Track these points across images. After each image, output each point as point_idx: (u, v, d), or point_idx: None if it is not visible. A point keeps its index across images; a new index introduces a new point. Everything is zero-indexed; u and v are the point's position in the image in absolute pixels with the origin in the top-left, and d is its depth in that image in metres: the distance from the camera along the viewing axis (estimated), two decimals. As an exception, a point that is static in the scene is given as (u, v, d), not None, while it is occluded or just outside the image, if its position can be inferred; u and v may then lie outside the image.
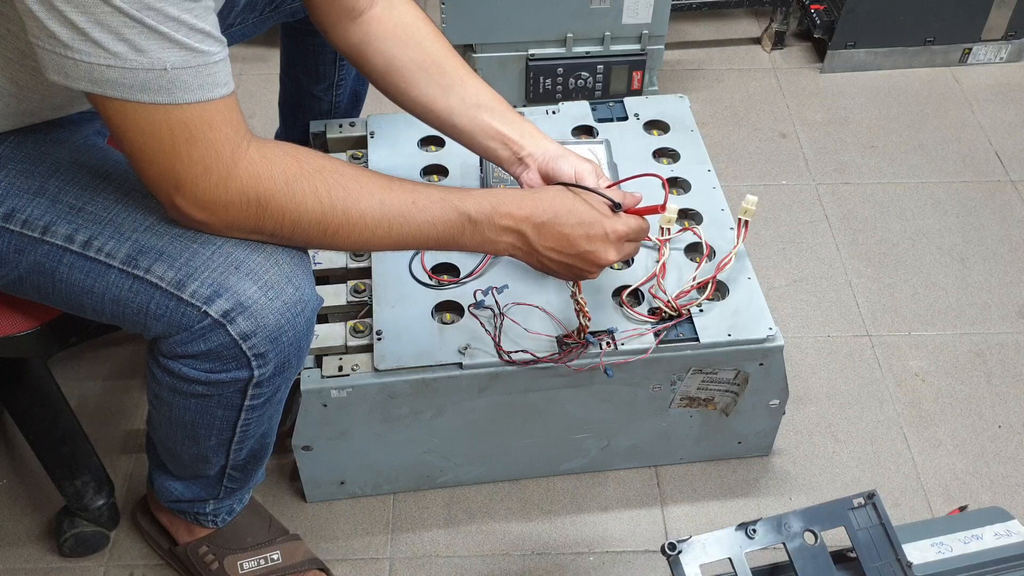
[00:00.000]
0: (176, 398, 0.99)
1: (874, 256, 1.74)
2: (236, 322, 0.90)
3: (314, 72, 1.45)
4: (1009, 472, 1.42)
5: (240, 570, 1.21)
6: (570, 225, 0.98)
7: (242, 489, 1.20)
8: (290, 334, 0.93)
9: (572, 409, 1.28)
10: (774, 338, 1.23)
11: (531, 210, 0.98)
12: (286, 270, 0.92)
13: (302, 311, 0.93)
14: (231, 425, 1.02)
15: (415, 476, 1.36)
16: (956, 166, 1.91)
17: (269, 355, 0.93)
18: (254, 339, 0.91)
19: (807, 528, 1.03)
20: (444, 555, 1.32)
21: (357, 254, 1.31)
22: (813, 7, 2.12)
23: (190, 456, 1.09)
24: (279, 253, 0.92)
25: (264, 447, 1.13)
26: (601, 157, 1.37)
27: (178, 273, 0.90)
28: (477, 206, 0.95)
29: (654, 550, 1.32)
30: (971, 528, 1.12)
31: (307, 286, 0.94)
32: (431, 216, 0.94)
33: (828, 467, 1.42)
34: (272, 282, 0.91)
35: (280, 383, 1.00)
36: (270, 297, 0.90)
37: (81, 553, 1.30)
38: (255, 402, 0.99)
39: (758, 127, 2.00)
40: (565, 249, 0.99)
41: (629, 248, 1.04)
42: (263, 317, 0.90)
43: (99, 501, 1.27)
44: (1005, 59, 2.15)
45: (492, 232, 0.97)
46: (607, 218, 1.01)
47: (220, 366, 0.93)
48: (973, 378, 1.54)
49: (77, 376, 1.52)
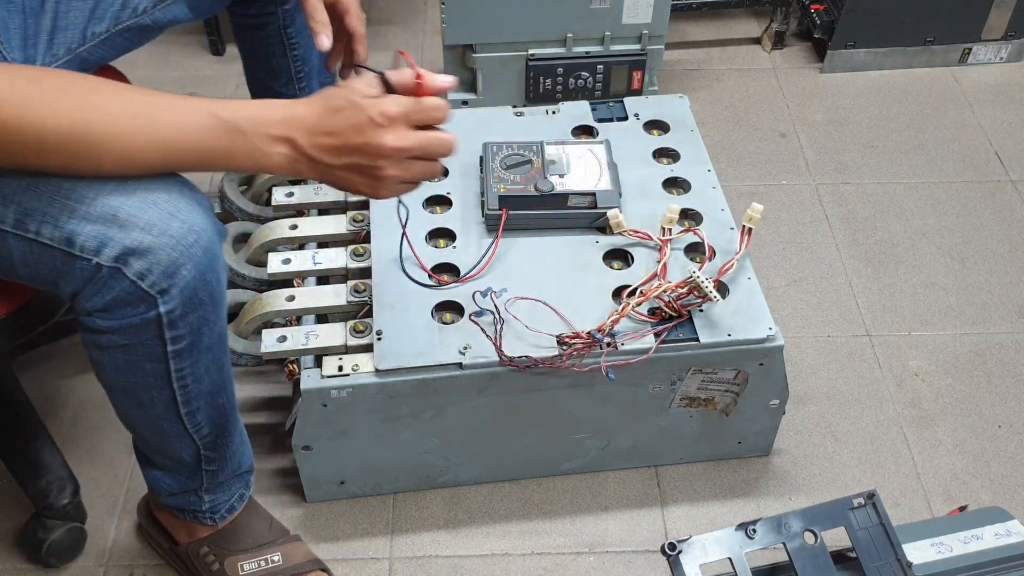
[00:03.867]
0: (105, 357, 0.99)
1: (874, 256, 1.74)
2: (130, 263, 0.90)
3: (269, 67, 1.45)
4: (1009, 472, 1.42)
5: (240, 571, 1.21)
6: (337, 120, 0.90)
7: (227, 475, 1.18)
8: (189, 266, 0.92)
9: (572, 409, 1.28)
10: (774, 338, 1.24)
11: (301, 113, 0.90)
12: (167, 208, 0.91)
13: (196, 240, 0.92)
14: (165, 380, 1.01)
15: (415, 476, 1.36)
16: (956, 166, 1.92)
17: (172, 290, 0.93)
18: (151, 276, 0.91)
19: (807, 528, 1.03)
20: (444, 555, 1.32)
21: (356, 254, 1.31)
22: (813, 7, 2.12)
23: (152, 432, 1.09)
24: (155, 194, 0.91)
25: (223, 415, 1.11)
26: (601, 157, 1.37)
27: (62, 231, 0.90)
28: (244, 115, 0.89)
29: (654, 550, 1.32)
30: (971, 528, 1.12)
31: (196, 218, 0.93)
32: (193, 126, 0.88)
33: (828, 467, 1.42)
34: (154, 220, 0.90)
35: (198, 324, 0.98)
36: (155, 235, 0.90)
37: (67, 558, 1.30)
38: (177, 347, 0.98)
39: (758, 127, 2.00)
40: (340, 148, 0.90)
41: (414, 138, 0.91)
42: (154, 254, 0.90)
43: (64, 499, 1.27)
44: (1005, 59, 2.15)
45: (263, 143, 0.90)
46: (376, 101, 0.90)
47: (130, 310, 0.93)
48: (973, 378, 1.54)
49: (78, 376, 1.52)
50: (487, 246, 1.31)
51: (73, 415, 1.48)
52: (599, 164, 1.36)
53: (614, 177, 1.35)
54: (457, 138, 0.93)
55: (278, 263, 1.32)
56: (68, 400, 1.49)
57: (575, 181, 1.33)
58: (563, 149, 1.38)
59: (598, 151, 1.38)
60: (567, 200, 1.32)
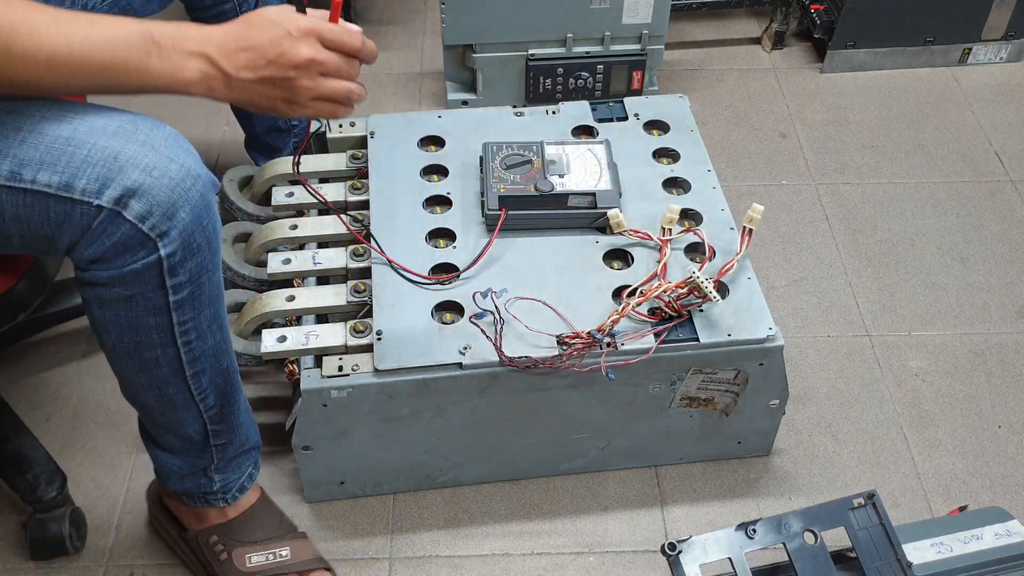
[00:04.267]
0: (106, 313, 1.00)
1: (874, 256, 1.74)
2: (130, 206, 0.92)
3: None
4: (1009, 472, 1.42)
5: (248, 563, 1.21)
6: (252, 34, 0.93)
7: (236, 450, 1.18)
8: (187, 207, 0.94)
9: (572, 409, 1.28)
10: (774, 338, 1.24)
11: (217, 34, 0.93)
12: (164, 152, 0.94)
13: (193, 184, 0.95)
14: (168, 336, 1.02)
15: (415, 476, 1.36)
16: (956, 166, 1.92)
17: (171, 232, 0.94)
18: (152, 218, 0.93)
19: (807, 528, 1.03)
20: (444, 555, 1.32)
21: (356, 254, 1.31)
22: (813, 7, 2.12)
23: (158, 399, 1.09)
24: (154, 138, 0.94)
25: (228, 382, 1.12)
26: (601, 157, 1.37)
27: (62, 176, 0.92)
28: (161, 29, 0.92)
29: (654, 550, 1.32)
30: (971, 528, 1.12)
31: (191, 162, 0.95)
32: (112, 35, 0.90)
33: (828, 467, 1.42)
34: (154, 163, 0.93)
35: (198, 272, 0.99)
36: (155, 176, 0.92)
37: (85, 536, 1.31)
38: (179, 296, 0.99)
39: (758, 127, 2.00)
40: (256, 63, 0.93)
41: (327, 53, 0.95)
42: (154, 195, 0.92)
43: (52, 492, 1.27)
44: (1005, 59, 2.15)
45: (179, 58, 0.91)
46: (292, 16, 0.94)
47: (130, 257, 0.95)
48: (973, 378, 1.54)
49: (77, 375, 1.52)
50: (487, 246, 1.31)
51: (72, 415, 1.48)
52: (599, 164, 1.36)
53: (614, 177, 1.35)
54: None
55: (278, 263, 1.32)
56: (67, 400, 1.49)
57: (575, 181, 1.33)
58: (563, 149, 1.38)
59: (598, 151, 1.39)
60: (567, 200, 1.32)
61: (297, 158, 1.39)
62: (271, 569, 1.22)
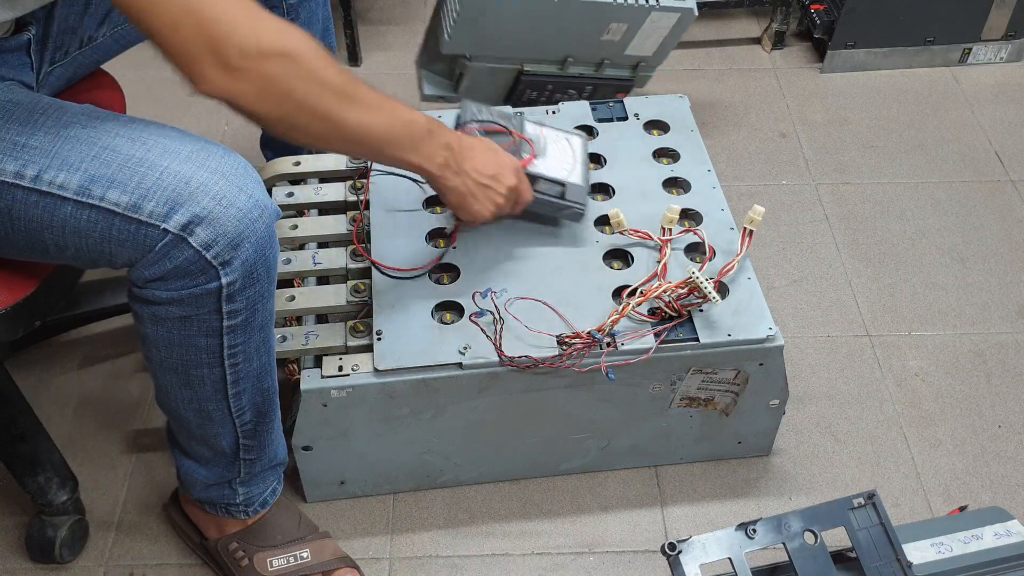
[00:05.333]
0: (159, 331, 1.00)
1: (874, 256, 1.74)
2: (196, 233, 0.93)
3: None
4: (1009, 472, 1.42)
5: (270, 567, 1.21)
6: (488, 153, 1.20)
7: (264, 466, 1.19)
8: (252, 239, 0.95)
9: (572, 409, 1.28)
10: (774, 338, 1.24)
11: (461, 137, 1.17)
12: (235, 182, 0.95)
13: (260, 216, 0.96)
14: (217, 357, 1.03)
15: (415, 476, 1.36)
16: (956, 166, 1.92)
17: (234, 261, 0.95)
18: (216, 247, 0.93)
19: (807, 528, 1.03)
20: (444, 555, 1.32)
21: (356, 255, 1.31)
22: (813, 7, 2.12)
23: (196, 415, 1.09)
24: (225, 167, 0.95)
25: (266, 401, 1.12)
26: (577, 150, 1.35)
27: (132, 196, 0.92)
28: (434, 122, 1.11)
29: (654, 550, 1.32)
30: (971, 528, 1.12)
31: (260, 194, 0.97)
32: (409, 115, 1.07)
33: (828, 467, 1.42)
34: (224, 192, 0.93)
35: (255, 299, 1.00)
36: (224, 205, 0.93)
37: (78, 550, 1.30)
38: (233, 321, 1.00)
39: (758, 127, 2.00)
40: (483, 169, 1.17)
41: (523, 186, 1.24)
42: (221, 225, 0.93)
43: (63, 496, 1.27)
44: (1005, 59, 2.15)
45: (437, 145, 1.11)
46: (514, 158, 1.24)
47: (190, 282, 0.95)
48: (973, 378, 1.54)
49: (78, 375, 1.52)
50: (487, 245, 1.31)
51: (73, 415, 1.48)
52: (574, 157, 1.33)
53: (586, 175, 1.33)
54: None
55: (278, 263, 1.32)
56: (68, 400, 1.49)
57: (548, 166, 1.31)
58: (542, 131, 1.35)
59: (575, 143, 1.36)
60: (535, 183, 1.28)
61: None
62: (293, 571, 1.22)
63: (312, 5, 1.41)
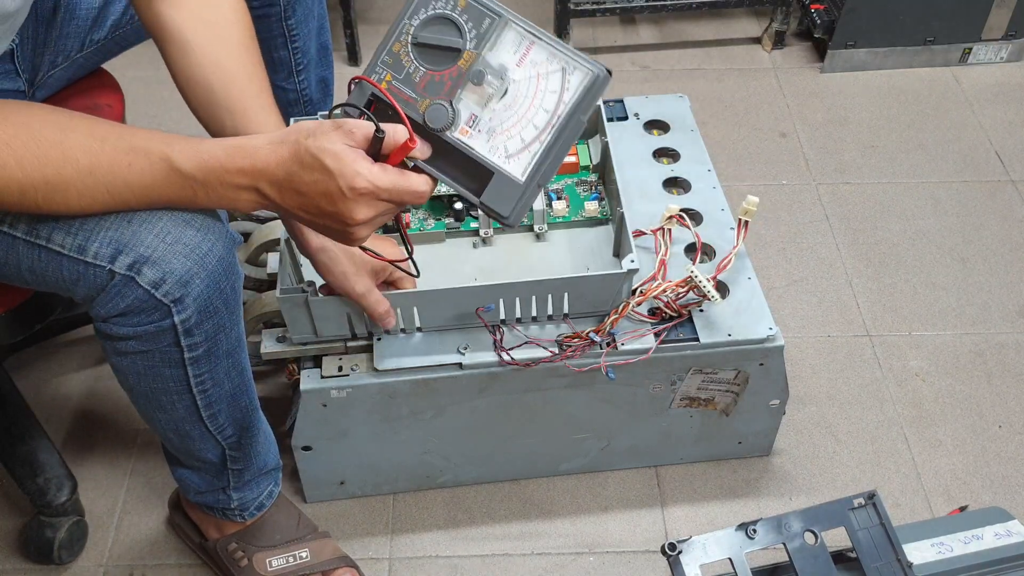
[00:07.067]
0: (123, 362, 0.99)
1: (874, 256, 1.74)
2: (143, 273, 0.90)
3: (270, 61, 1.43)
4: (1009, 472, 1.42)
5: (269, 567, 1.22)
6: (306, 183, 0.84)
7: (254, 474, 1.19)
8: (202, 275, 0.92)
9: (572, 409, 1.28)
10: (774, 338, 1.23)
11: (265, 164, 0.85)
12: (181, 216, 0.91)
13: (209, 250, 0.92)
14: (185, 386, 1.01)
15: (415, 476, 1.36)
16: (956, 166, 1.92)
17: (186, 299, 0.92)
18: (165, 286, 0.91)
19: (807, 528, 1.03)
20: (444, 555, 1.32)
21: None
22: (813, 7, 2.12)
23: (175, 433, 1.09)
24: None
25: (247, 416, 1.12)
26: (562, 110, 0.86)
27: (76, 238, 0.90)
28: (203, 165, 0.86)
29: (654, 550, 1.32)
30: (971, 528, 1.12)
31: (210, 226, 0.93)
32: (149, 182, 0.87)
33: (828, 467, 1.42)
34: (168, 228, 0.90)
35: (215, 331, 0.98)
36: (169, 242, 0.90)
37: (76, 552, 1.30)
38: (195, 354, 0.98)
39: (758, 127, 2.00)
40: (309, 209, 0.86)
41: (383, 206, 0.86)
42: (167, 263, 0.90)
43: (62, 497, 1.27)
44: (1005, 59, 2.15)
45: (227, 191, 0.87)
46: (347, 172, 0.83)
47: (145, 319, 0.93)
48: (973, 378, 1.54)
49: (78, 375, 1.52)
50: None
51: (73, 415, 1.48)
52: (549, 123, 0.85)
53: (550, 161, 0.85)
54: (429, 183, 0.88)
55: (278, 263, 1.32)
56: (68, 400, 1.50)
57: (484, 135, 0.87)
58: (524, 57, 0.85)
59: (573, 84, 0.84)
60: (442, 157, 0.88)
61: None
62: (293, 571, 1.22)
63: (308, 2, 1.40)
